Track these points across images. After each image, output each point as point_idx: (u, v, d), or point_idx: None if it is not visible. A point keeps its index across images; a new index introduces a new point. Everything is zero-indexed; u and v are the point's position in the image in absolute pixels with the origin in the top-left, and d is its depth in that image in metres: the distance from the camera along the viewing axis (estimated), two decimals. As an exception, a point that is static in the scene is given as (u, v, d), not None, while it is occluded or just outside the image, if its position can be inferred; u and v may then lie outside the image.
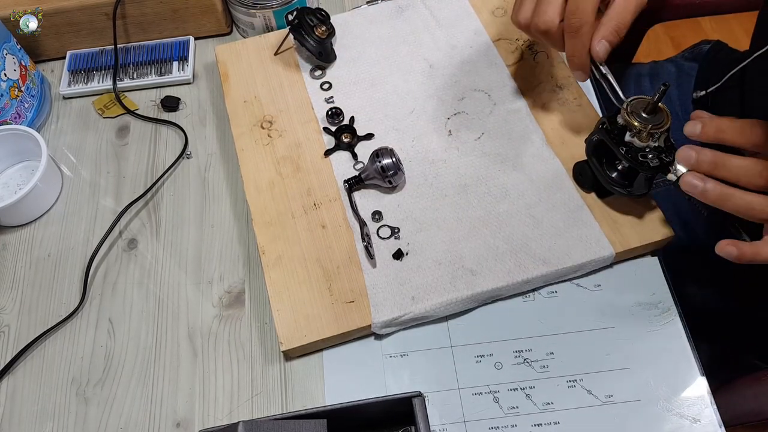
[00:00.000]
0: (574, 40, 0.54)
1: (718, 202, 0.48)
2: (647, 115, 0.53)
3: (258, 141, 0.68)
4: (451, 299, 0.57)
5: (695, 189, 0.49)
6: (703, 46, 0.87)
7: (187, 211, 0.68)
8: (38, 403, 0.59)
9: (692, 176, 0.49)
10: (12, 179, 0.72)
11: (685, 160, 0.49)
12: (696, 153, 0.49)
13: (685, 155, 0.49)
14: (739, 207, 0.47)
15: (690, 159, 0.49)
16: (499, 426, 0.54)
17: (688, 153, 0.49)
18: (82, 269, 0.65)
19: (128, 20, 0.77)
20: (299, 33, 0.70)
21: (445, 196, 0.63)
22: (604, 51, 0.53)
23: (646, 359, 0.56)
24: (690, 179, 0.49)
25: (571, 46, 0.55)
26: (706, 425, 0.53)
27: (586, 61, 0.55)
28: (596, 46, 0.53)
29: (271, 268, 0.60)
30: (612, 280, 0.60)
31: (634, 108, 0.54)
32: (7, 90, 0.70)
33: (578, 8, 0.53)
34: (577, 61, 0.55)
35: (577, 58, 0.55)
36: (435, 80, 0.71)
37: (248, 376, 0.58)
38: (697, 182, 0.48)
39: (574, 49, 0.54)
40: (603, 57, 0.54)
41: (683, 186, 0.50)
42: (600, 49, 0.53)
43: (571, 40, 0.54)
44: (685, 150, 0.49)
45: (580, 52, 0.54)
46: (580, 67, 0.55)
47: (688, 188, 0.49)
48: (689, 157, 0.49)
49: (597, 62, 0.55)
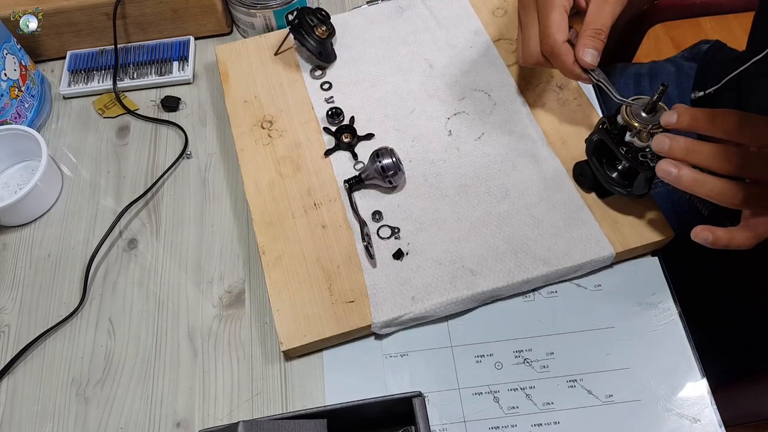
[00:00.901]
0: (555, 61, 0.58)
1: (691, 187, 0.49)
2: (647, 115, 0.54)
3: (258, 141, 0.68)
4: (451, 299, 0.57)
5: (670, 175, 0.50)
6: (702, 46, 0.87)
7: (187, 211, 0.68)
8: (38, 403, 0.59)
9: (667, 163, 0.50)
10: (12, 179, 0.72)
11: (659, 146, 0.51)
12: (669, 140, 0.50)
13: (659, 142, 0.51)
14: (712, 192, 0.49)
15: (664, 145, 0.50)
16: (499, 426, 0.54)
17: (662, 140, 0.51)
18: (82, 269, 0.65)
19: (128, 20, 0.77)
20: (299, 33, 0.70)
21: (445, 196, 0.63)
22: (591, 58, 0.56)
23: (646, 359, 0.56)
24: (665, 166, 0.50)
25: (557, 65, 0.59)
26: (706, 425, 0.53)
27: (576, 72, 0.57)
28: (582, 56, 0.56)
29: (271, 268, 0.60)
30: (612, 280, 0.60)
31: (634, 108, 0.54)
32: (7, 90, 0.70)
33: (545, 36, 0.57)
34: (570, 74, 0.58)
35: (567, 73, 0.58)
36: (435, 80, 0.71)
37: (248, 376, 0.58)
38: (671, 168, 0.50)
39: (560, 68, 0.58)
40: (592, 63, 0.56)
41: (659, 172, 0.51)
42: (587, 57, 0.56)
43: (554, 62, 0.58)
44: (659, 137, 0.51)
45: (566, 69, 0.58)
46: (576, 78, 0.58)
47: (663, 174, 0.50)
48: (663, 143, 0.50)
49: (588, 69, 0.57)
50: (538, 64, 0.61)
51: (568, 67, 0.57)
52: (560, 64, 0.58)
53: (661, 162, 0.51)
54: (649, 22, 0.97)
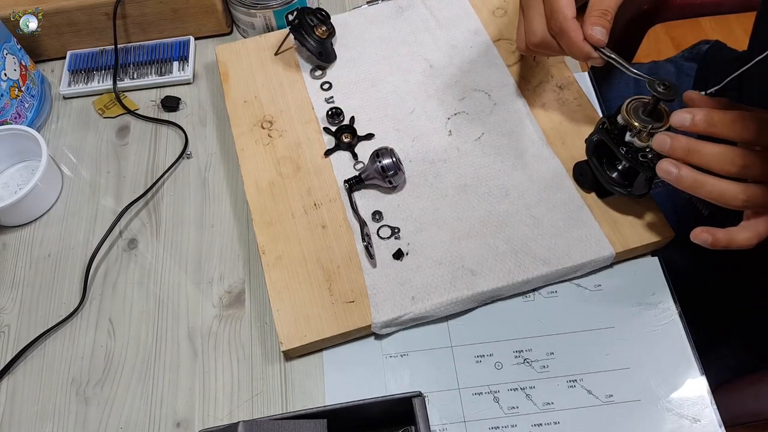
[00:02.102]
0: (563, 39, 0.55)
1: (691, 188, 0.49)
2: (647, 116, 0.53)
3: (258, 141, 0.68)
4: (451, 299, 0.57)
5: (670, 175, 0.49)
6: (702, 46, 0.87)
7: (187, 211, 0.68)
8: (38, 403, 0.59)
9: (667, 163, 0.50)
10: (12, 179, 0.72)
11: (659, 145, 0.50)
12: (671, 139, 0.50)
13: (660, 141, 0.50)
14: (712, 193, 0.48)
15: (665, 145, 0.50)
16: (499, 426, 0.54)
17: (662, 139, 0.50)
18: (82, 269, 0.65)
19: (128, 20, 0.77)
20: (299, 33, 0.70)
21: (445, 196, 0.63)
22: (600, 34, 0.54)
23: (646, 359, 0.56)
24: (665, 166, 0.50)
25: (564, 45, 0.56)
26: (706, 425, 0.53)
27: (586, 50, 0.55)
28: (590, 32, 0.54)
29: (272, 268, 0.60)
30: (612, 280, 0.60)
31: (634, 108, 0.54)
32: (7, 90, 0.70)
33: (553, 12, 0.55)
34: (578, 54, 0.56)
35: (575, 52, 0.56)
36: (435, 80, 0.71)
37: (248, 376, 0.58)
38: (672, 168, 0.49)
39: (567, 46, 0.56)
40: (601, 40, 0.54)
41: (659, 172, 0.50)
42: (595, 34, 0.54)
43: (562, 41, 0.56)
44: (660, 136, 0.50)
45: (574, 47, 0.55)
46: (585, 57, 0.56)
47: (664, 174, 0.50)
48: (664, 142, 0.50)
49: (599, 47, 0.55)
50: (540, 47, 0.58)
51: (578, 45, 0.54)
52: (568, 42, 0.55)
53: (661, 161, 0.50)
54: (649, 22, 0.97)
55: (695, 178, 0.49)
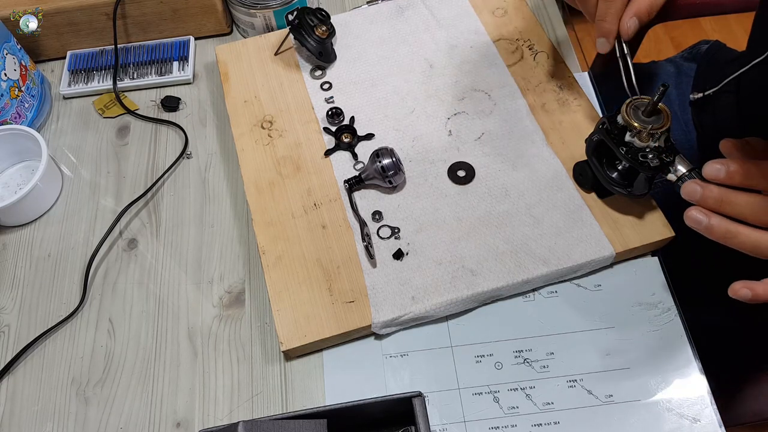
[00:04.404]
0: (607, 2, 0.54)
1: (723, 238, 0.47)
2: (647, 116, 0.53)
3: (258, 141, 0.68)
4: (451, 299, 0.57)
5: (699, 225, 0.48)
6: (702, 46, 0.87)
7: (187, 211, 0.68)
8: (38, 403, 0.59)
9: (697, 211, 0.48)
10: (12, 179, 0.72)
11: (689, 195, 0.49)
12: (701, 188, 0.48)
13: (690, 190, 0.49)
14: (745, 244, 0.47)
15: (695, 194, 0.48)
16: (499, 426, 0.54)
17: (693, 188, 0.48)
18: (82, 269, 0.65)
19: (128, 20, 0.77)
20: (299, 33, 0.70)
21: (445, 196, 0.63)
22: (633, 27, 0.54)
23: (646, 359, 0.56)
24: (695, 214, 0.48)
25: (603, 8, 0.55)
26: (706, 425, 0.53)
27: (613, 28, 0.54)
28: (627, 21, 0.54)
29: (272, 268, 0.60)
30: (612, 280, 0.60)
31: (634, 108, 0.54)
32: (7, 90, 0.70)
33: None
34: (606, 26, 0.55)
35: (607, 22, 0.54)
36: (435, 80, 0.71)
37: (248, 376, 0.58)
38: (701, 217, 0.48)
39: (605, 11, 0.54)
40: (630, 33, 0.54)
41: (687, 221, 0.49)
42: (630, 25, 0.54)
43: (604, 3, 0.54)
44: (690, 185, 0.49)
45: (610, 16, 0.54)
46: (606, 34, 0.55)
47: (693, 224, 0.48)
48: (694, 192, 0.48)
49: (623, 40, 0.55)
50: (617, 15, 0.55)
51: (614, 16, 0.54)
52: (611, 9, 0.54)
53: (690, 210, 0.49)
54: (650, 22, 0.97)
55: (728, 228, 0.47)
